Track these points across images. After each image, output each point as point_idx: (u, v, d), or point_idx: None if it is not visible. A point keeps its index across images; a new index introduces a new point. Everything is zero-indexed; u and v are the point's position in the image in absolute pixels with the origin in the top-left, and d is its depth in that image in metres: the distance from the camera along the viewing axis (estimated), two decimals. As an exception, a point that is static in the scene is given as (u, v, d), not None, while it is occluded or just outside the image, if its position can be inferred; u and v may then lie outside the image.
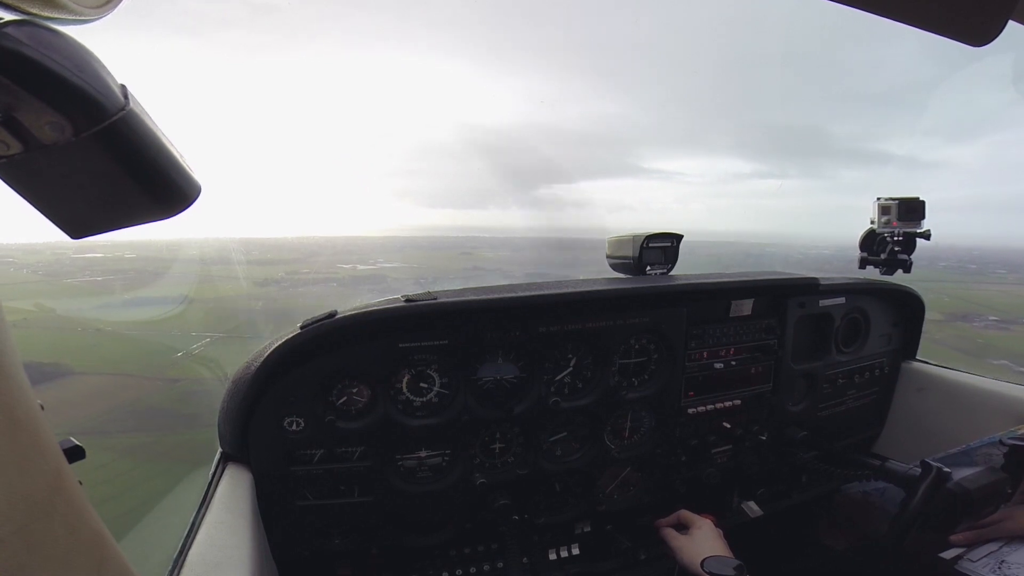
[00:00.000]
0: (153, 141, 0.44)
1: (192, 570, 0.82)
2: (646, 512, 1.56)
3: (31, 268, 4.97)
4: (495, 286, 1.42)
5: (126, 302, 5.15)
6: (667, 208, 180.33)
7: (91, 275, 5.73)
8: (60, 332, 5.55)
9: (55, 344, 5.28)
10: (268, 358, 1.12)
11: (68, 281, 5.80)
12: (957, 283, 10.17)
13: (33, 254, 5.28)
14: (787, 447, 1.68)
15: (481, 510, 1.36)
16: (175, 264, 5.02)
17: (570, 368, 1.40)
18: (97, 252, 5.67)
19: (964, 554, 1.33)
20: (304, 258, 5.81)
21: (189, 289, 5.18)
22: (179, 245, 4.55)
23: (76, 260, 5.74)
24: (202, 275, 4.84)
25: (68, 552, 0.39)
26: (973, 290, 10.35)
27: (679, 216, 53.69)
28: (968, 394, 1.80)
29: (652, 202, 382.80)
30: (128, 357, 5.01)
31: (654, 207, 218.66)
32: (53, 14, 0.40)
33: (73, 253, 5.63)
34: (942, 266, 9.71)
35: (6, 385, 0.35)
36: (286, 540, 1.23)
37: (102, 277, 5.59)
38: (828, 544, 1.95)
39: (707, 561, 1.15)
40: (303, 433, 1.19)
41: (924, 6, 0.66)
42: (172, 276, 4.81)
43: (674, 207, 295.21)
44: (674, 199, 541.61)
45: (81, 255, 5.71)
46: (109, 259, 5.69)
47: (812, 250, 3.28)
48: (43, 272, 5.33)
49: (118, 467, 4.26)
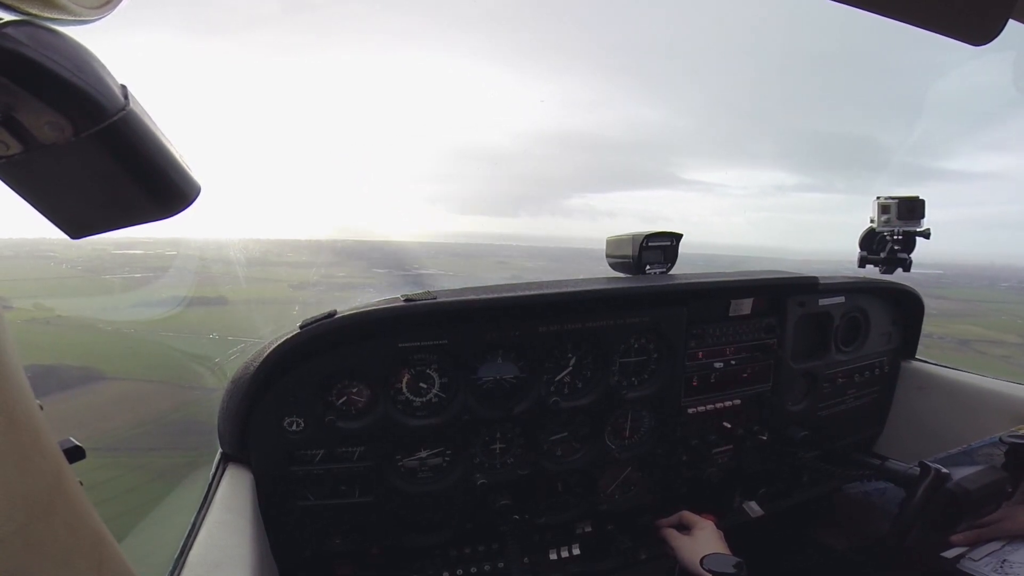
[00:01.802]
0: (153, 141, 0.44)
1: (193, 570, 0.82)
2: (647, 512, 1.56)
3: (71, 263, 4.91)
4: (495, 286, 1.42)
5: (162, 301, 5.02)
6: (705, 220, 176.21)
7: (130, 271, 5.64)
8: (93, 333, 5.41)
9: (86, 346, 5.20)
10: (268, 358, 1.12)
11: (107, 277, 5.70)
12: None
13: (73, 248, 5.22)
14: (787, 447, 1.67)
15: (481, 510, 1.36)
16: (213, 264, 4.87)
17: (570, 368, 1.40)
18: (138, 249, 5.58)
19: (965, 553, 1.33)
20: (340, 261, 5.77)
21: (226, 290, 5.02)
22: (220, 244, 4.44)
23: (116, 256, 5.66)
24: (239, 276, 4.69)
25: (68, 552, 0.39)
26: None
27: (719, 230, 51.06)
28: (968, 393, 1.80)
29: (689, 214, 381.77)
30: (163, 362, 4.88)
31: (691, 219, 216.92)
32: (53, 14, 0.40)
33: (113, 249, 5.55)
34: (1004, 287, 9.57)
35: (6, 385, 0.35)
36: (286, 540, 1.23)
37: (141, 274, 5.49)
38: (829, 544, 1.95)
39: (707, 559, 1.15)
40: (303, 433, 1.19)
41: (924, 6, 0.66)
42: (208, 276, 4.66)
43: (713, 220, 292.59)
44: (713, 211, 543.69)
45: (121, 251, 5.62)
46: (150, 256, 5.62)
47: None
48: (82, 268, 5.26)
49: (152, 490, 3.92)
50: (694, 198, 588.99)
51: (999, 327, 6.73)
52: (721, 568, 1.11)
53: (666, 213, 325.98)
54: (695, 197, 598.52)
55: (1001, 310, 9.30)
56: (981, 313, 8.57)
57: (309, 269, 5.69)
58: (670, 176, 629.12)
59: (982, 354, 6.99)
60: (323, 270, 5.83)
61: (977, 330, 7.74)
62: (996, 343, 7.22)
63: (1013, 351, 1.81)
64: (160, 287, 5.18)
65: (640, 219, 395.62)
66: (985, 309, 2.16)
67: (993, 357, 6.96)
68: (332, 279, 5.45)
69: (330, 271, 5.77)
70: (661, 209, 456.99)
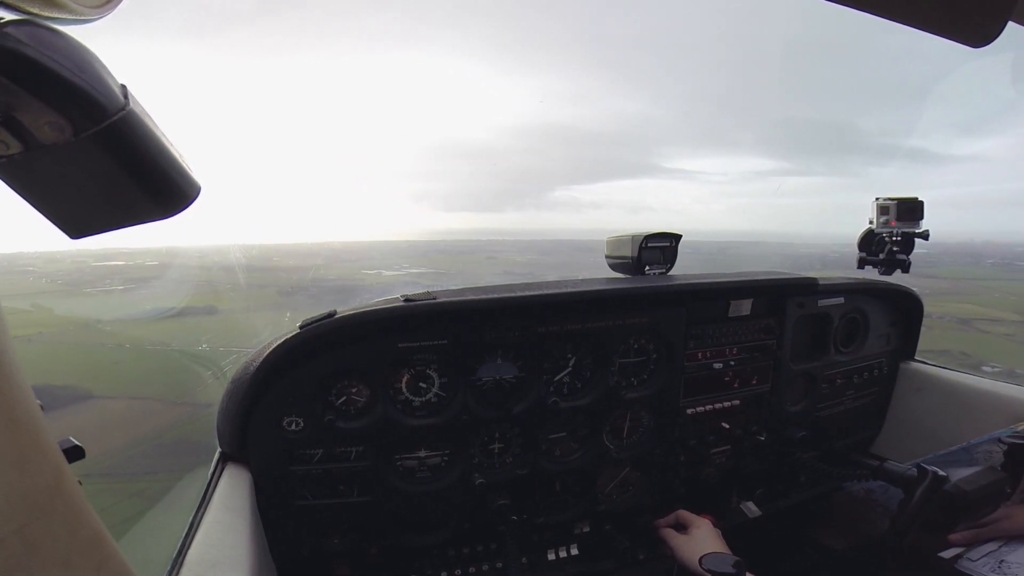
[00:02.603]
0: (153, 141, 0.44)
1: (191, 569, 0.82)
2: (645, 512, 1.56)
3: (51, 277, 4.73)
4: (494, 286, 1.42)
5: (147, 314, 4.86)
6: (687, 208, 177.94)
7: (111, 284, 5.53)
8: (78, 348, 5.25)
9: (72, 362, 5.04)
10: (267, 358, 1.12)
11: (88, 291, 5.56)
12: (1015, 281, 9.91)
13: (53, 263, 5.07)
14: (786, 447, 1.68)
15: (480, 510, 1.36)
16: (196, 271, 4.79)
17: (569, 368, 1.40)
18: (119, 260, 5.47)
19: (963, 554, 1.34)
20: (326, 264, 5.58)
21: (212, 298, 4.85)
22: (200, 252, 4.33)
23: (97, 268, 5.52)
24: (225, 283, 4.56)
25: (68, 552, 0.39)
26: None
27: (701, 216, 52.79)
28: (966, 394, 1.80)
29: (672, 202, 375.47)
30: (153, 377, 4.70)
31: (674, 207, 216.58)
32: (53, 14, 0.40)
33: (94, 261, 5.43)
34: (990, 263, 9.55)
35: (6, 385, 0.35)
36: (285, 540, 1.23)
37: (123, 287, 5.37)
38: (827, 544, 1.95)
39: (705, 558, 1.15)
40: (302, 433, 1.19)
41: (924, 6, 0.66)
42: (193, 284, 4.52)
43: (695, 207, 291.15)
44: (695, 199, 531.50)
45: (102, 263, 5.51)
46: (131, 267, 5.49)
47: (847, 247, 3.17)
48: (63, 281, 5.12)
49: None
50: (676, 186, 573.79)
51: (994, 305, 6.73)
52: (720, 568, 1.11)
53: (649, 202, 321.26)
54: (677, 185, 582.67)
55: (992, 287, 9.26)
56: (971, 291, 8.54)
57: (299, 273, 5.54)
58: (652, 166, 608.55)
59: (985, 333, 6.94)
60: (314, 274, 5.70)
61: (972, 308, 7.69)
62: (996, 321, 7.18)
63: (1015, 329, 1.82)
64: (143, 299, 5.04)
65: (624, 209, 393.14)
66: (975, 287, 2.16)
67: (997, 336, 6.91)
68: (323, 283, 5.30)
69: (320, 275, 5.64)
70: (644, 198, 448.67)
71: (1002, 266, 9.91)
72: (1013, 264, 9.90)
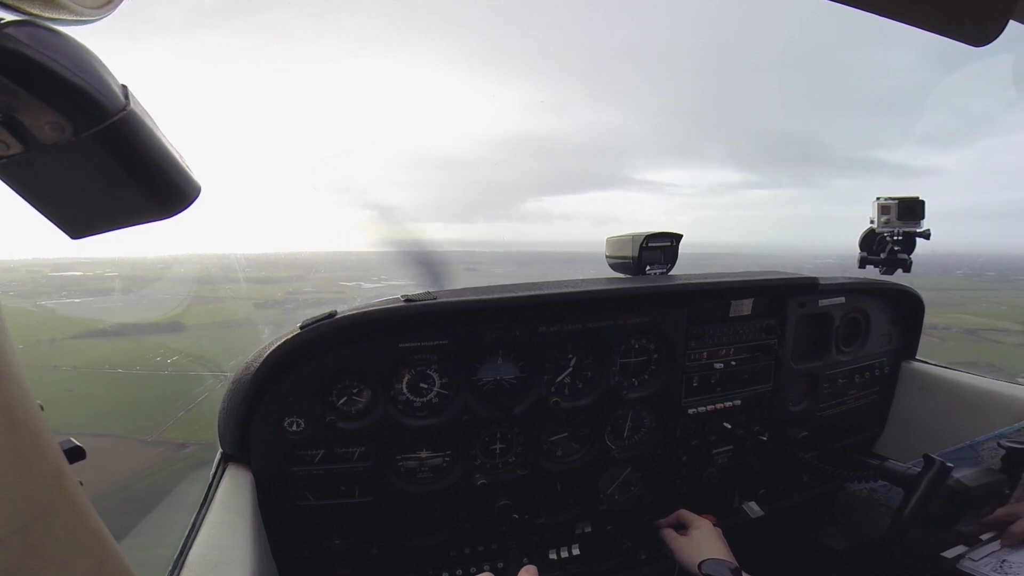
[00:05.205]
0: (153, 141, 0.44)
1: (192, 570, 0.82)
2: (646, 512, 1.56)
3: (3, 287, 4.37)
4: (495, 286, 1.42)
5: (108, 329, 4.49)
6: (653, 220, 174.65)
7: (68, 295, 5.20)
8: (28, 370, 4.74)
9: None
10: (268, 358, 1.12)
11: (43, 303, 5.19)
12: (994, 290, 9.92)
13: (8, 271, 4.69)
14: (788, 447, 1.67)
15: (481, 510, 1.36)
16: (160, 283, 4.37)
17: (570, 368, 1.40)
18: (76, 270, 5.20)
19: (965, 553, 1.33)
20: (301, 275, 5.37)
21: (178, 314, 4.37)
22: (165, 262, 4.06)
23: (53, 279, 5.23)
24: (194, 296, 4.21)
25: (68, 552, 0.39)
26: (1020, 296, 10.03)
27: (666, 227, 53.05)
28: (968, 394, 1.80)
29: (639, 213, 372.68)
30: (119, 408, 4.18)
31: (640, 218, 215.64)
32: (53, 14, 0.40)
33: (50, 271, 5.15)
34: (960, 273, 9.53)
35: (6, 385, 0.35)
36: (286, 540, 1.23)
37: (80, 298, 5.07)
38: (829, 544, 1.95)
39: (704, 564, 1.15)
40: (303, 433, 1.19)
41: (924, 6, 0.66)
42: (157, 299, 4.16)
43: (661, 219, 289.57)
44: (663, 211, 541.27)
45: (58, 273, 5.23)
46: (90, 278, 5.23)
47: (818, 259, 3.20)
48: (15, 293, 4.74)
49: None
50: (644, 198, 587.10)
51: (986, 314, 6.70)
52: (718, 574, 1.12)
53: (616, 213, 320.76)
54: (646, 197, 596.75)
55: (976, 298, 9.23)
56: (957, 301, 8.50)
57: (273, 285, 5.24)
58: (623, 177, 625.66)
59: (997, 343, 6.91)
60: (288, 285, 5.40)
61: (971, 319, 7.67)
62: (1001, 331, 7.16)
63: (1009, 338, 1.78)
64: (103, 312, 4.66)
65: (592, 221, 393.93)
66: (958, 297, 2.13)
67: (1009, 346, 6.89)
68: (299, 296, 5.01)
69: (296, 287, 5.36)
70: (612, 210, 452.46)
71: (972, 276, 9.92)
72: (982, 274, 9.92)
